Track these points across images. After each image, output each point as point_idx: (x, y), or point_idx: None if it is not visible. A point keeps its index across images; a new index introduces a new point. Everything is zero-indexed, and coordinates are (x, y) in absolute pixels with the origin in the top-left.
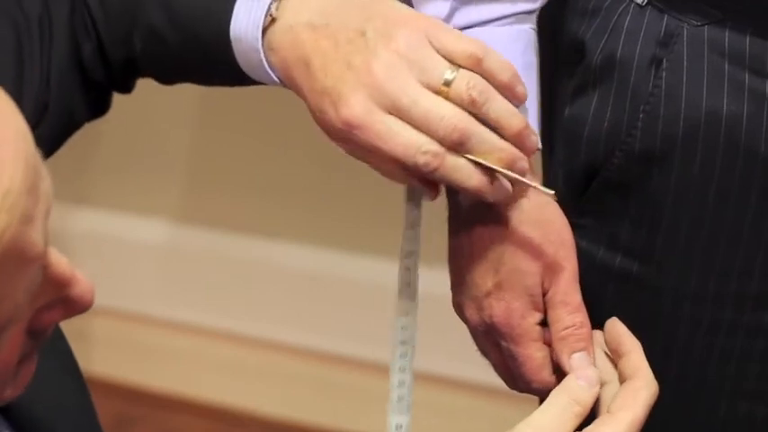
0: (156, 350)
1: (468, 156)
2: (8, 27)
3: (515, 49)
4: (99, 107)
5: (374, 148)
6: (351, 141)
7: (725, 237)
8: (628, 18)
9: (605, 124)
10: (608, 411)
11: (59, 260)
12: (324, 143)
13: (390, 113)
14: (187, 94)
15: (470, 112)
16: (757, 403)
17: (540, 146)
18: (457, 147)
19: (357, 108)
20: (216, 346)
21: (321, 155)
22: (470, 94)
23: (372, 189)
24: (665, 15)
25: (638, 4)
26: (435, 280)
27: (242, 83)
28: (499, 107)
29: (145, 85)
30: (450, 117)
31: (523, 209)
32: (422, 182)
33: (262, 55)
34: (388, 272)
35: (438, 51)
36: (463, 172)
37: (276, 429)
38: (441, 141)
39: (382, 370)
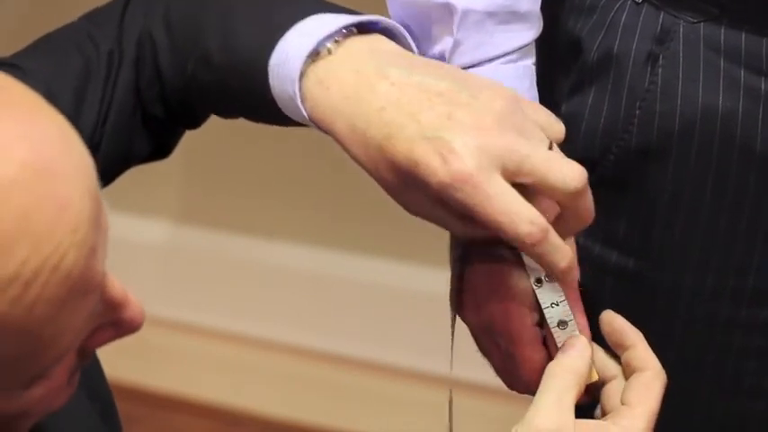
0: (156, 350)
1: None
2: (79, 60)
3: (522, 86)
4: (160, 147)
5: (476, 211)
6: (447, 199)
7: (721, 233)
8: (624, 15)
9: (602, 120)
10: (625, 404)
11: (113, 283)
12: (324, 143)
13: (500, 173)
14: None
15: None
16: (754, 400)
17: None
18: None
19: (470, 162)
20: (216, 346)
21: (321, 155)
22: None
23: (373, 189)
24: (661, 12)
25: (634, 1)
26: (435, 279)
27: (282, 121)
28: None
29: None
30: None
31: None
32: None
33: (296, 86)
34: (388, 272)
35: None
36: (562, 252)
37: (276, 429)
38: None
39: (382, 370)
